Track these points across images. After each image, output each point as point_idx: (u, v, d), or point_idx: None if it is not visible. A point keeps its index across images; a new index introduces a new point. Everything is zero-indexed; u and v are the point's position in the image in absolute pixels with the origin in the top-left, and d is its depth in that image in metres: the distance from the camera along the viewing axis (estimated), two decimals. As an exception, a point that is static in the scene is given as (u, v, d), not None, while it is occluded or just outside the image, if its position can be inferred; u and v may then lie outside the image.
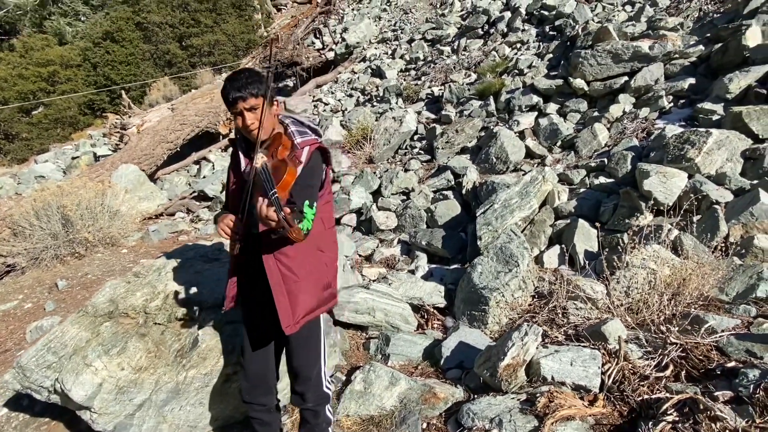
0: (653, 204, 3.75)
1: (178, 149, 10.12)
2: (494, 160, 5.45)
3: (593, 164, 4.76)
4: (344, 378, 3.00)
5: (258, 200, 1.58)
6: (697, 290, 2.87)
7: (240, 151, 1.91)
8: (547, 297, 3.30)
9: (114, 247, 5.83)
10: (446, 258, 4.67)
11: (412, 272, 4.50)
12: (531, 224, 4.32)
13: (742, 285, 2.91)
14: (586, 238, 3.92)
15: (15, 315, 4.27)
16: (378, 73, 10.05)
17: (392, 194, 5.85)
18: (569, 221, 4.16)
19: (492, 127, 6.02)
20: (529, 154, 5.51)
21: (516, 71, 7.00)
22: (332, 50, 12.43)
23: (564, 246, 3.95)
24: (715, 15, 5.88)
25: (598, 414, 2.19)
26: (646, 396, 2.20)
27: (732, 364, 2.26)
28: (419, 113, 7.56)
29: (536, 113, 6.02)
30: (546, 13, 8.04)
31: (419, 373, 3.04)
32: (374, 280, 4.30)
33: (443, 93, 7.54)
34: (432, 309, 3.77)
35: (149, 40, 17.52)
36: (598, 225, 3.82)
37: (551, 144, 5.50)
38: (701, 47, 5.35)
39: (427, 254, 4.79)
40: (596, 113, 5.46)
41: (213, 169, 9.29)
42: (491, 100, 6.64)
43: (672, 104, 5.02)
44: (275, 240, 1.74)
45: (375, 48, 11.67)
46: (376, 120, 7.58)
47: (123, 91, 13.46)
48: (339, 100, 9.68)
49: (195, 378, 2.30)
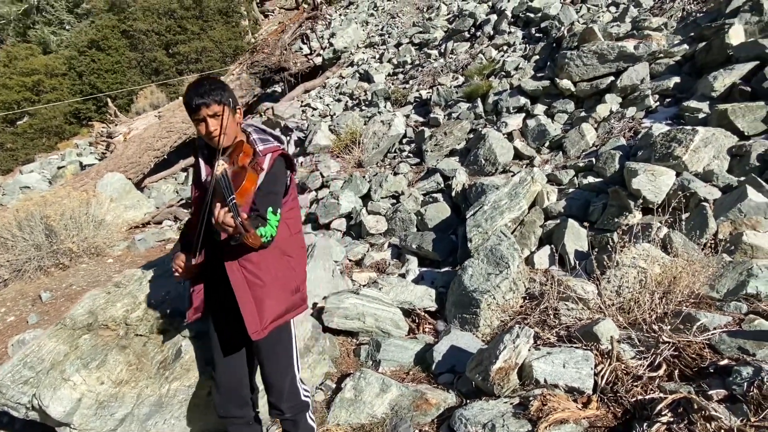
0: (642, 202, 3.74)
1: (165, 157, 10.01)
2: (483, 162, 5.44)
3: (581, 164, 4.76)
4: (334, 386, 2.94)
5: (216, 207, 1.58)
6: (688, 288, 2.85)
7: (202, 160, 1.93)
8: (539, 298, 3.27)
9: (99, 257, 5.72)
10: (437, 261, 4.63)
11: (403, 276, 4.46)
12: (521, 225, 4.29)
13: (733, 282, 2.90)
14: (576, 238, 3.90)
15: (-4, 329, 4.17)
16: (366, 78, 10.03)
17: (382, 198, 5.81)
18: (559, 221, 4.14)
19: (480, 129, 6.01)
20: (518, 156, 5.50)
21: (503, 73, 7.00)
22: (320, 55, 12.40)
23: (554, 246, 3.92)
24: (698, 14, 5.93)
25: (592, 416, 2.16)
26: (640, 396, 2.17)
27: (725, 362, 2.24)
28: (408, 116, 7.54)
29: (524, 114, 6.02)
30: (531, 16, 8.08)
31: (411, 379, 2.99)
32: (364, 285, 4.24)
33: (431, 96, 7.53)
34: (423, 313, 3.73)
35: (135, 48, 17.41)
36: (588, 225, 3.81)
37: (539, 145, 5.50)
38: (685, 46, 5.39)
39: (418, 257, 4.75)
40: (583, 113, 5.47)
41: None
42: (479, 102, 6.64)
43: (658, 103, 5.04)
44: (238, 247, 1.74)
45: (363, 52, 11.66)
46: (365, 124, 7.54)
47: (109, 100, 13.33)
48: (327, 105, 9.64)
49: (179, 390, 2.23)
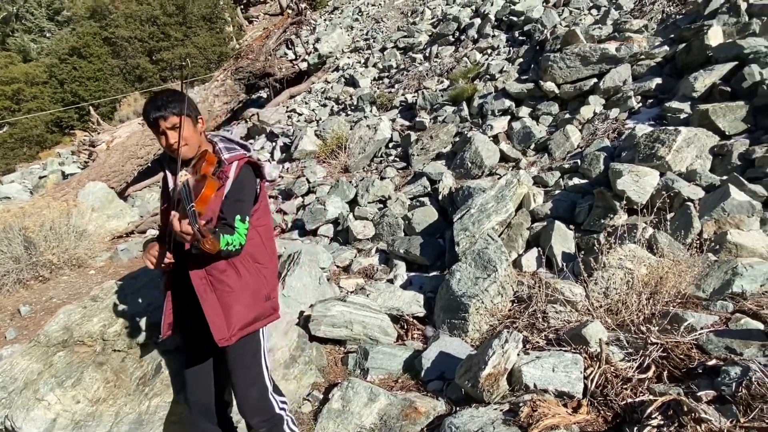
0: (627, 203, 3.75)
1: (149, 165, 9.85)
2: (469, 165, 5.43)
3: (567, 166, 4.77)
4: (321, 396, 2.89)
5: (175, 215, 1.57)
6: (675, 288, 2.85)
7: (169, 172, 1.90)
8: (527, 301, 3.25)
9: (81, 269, 5.59)
10: (425, 265, 4.60)
11: (391, 281, 4.41)
12: (508, 228, 4.28)
13: (718, 281, 2.91)
14: (563, 240, 3.90)
15: (-28, 345, 4.03)
16: (351, 82, 10.00)
17: (369, 203, 5.76)
18: (546, 223, 4.13)
19: (466, 132, 6.00)
20: (504, 158, 5.50)
21: (488, 76, 7.02)
22: (305, 61, 12.35)
23: (541, 248, 3.91)
24: (678, 16, 6.00)
25: (583, 421, 2.13)
26: (630, 399, 2.15)
27: (713, 362, 2.24)
28: (393, 121, 7.51)
29: (509, 117, 6.03)
30: (515, 19, 8.13)
31: (399, 387, 2.94)
32: (352, 292, 4.19)
33: (417, 100, 7.53)
34: (411, 319, 3.68)
35: (118, 55, 17.20)
36: (574, 226, 3.80)
37: (525, 147, 5.51)
38: (666, 48, 5.45)
39: (406, 262, 4.71)
40: (568, 115, 5.49)
41: (186, 184, 9.04)
42: (464, 106, 6.64)
43: (641, 104, 5.07)
44: (204, 255, 1.70)
45: (348, 57, 11.65)
46: (351, 129, 7.50)
47: (92, 108, 13.13)
48: (313, 110, 9.59)
49: (159, 407, 2.16)
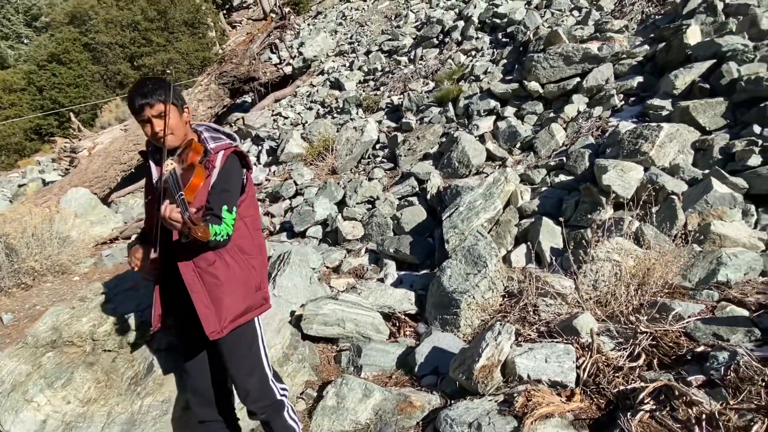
0: (613, 198, 3.81)
1: (133, 170, 9.73)
2: (457, 165, 5.47)
3: (553, 163, 4.83)
4: (315, 394, 2.87)
5: (164, 204, 1.55)
6: (662, 278, 2.90)
7: (153, 163, 1.88)
8: (518, 295, 3.28)
9: (65, 275, 5.49)
10: (415, 264, 4.61)
11: (382, 280, 4.41)
12: (496, 225, 4.32)
13: (704, 271, 2.97)
14: (551, 236, 3.95)
15: (-48, 355, 3.92)
16: (337, 86, 10.01)
17: (357, 204, 5.76)
18: (533, 220, 4.18)
19: (452, 133, 6.05)
20: (490, 157, 5.55)
21: (472, 77, 7.09)
22: (290, 64, 12.33)
23: (530, 244, 3.95)
24: (657, 16, 6.15)
25: (576, 409, 2.16)
26: (622, 387, 2.19)
27: (701, 349, 2.28)
28: (380, 122, 7.53)
29: (494, 117, 6.09)
30: (498, 21, 8.23)
31: (394, 383, 2.94)
32: (343, 291, 4.18)
33: (403, 102, 7.56)
34: (403, 316, 3.69)
35: (98, 61, 16.96)
36: (562, 221, 3.85)
37: (511, 146, 5.57)
38: (646, 47, 5.57)
39: (396, 261, 4.71)
40: (552, 114, 5.57)
41: (171, 189, 8.94)
42: (450, 106, 6.70)
43: (623, 102, 5.17)
44: (192, 247, 1.69)
45: (333, 61, 11.65)
46: (338, 131, 7.50)
47: (72, 114, 12.91)
48: (299, 114, 9.57)
49: (152, 406, 2.13)
